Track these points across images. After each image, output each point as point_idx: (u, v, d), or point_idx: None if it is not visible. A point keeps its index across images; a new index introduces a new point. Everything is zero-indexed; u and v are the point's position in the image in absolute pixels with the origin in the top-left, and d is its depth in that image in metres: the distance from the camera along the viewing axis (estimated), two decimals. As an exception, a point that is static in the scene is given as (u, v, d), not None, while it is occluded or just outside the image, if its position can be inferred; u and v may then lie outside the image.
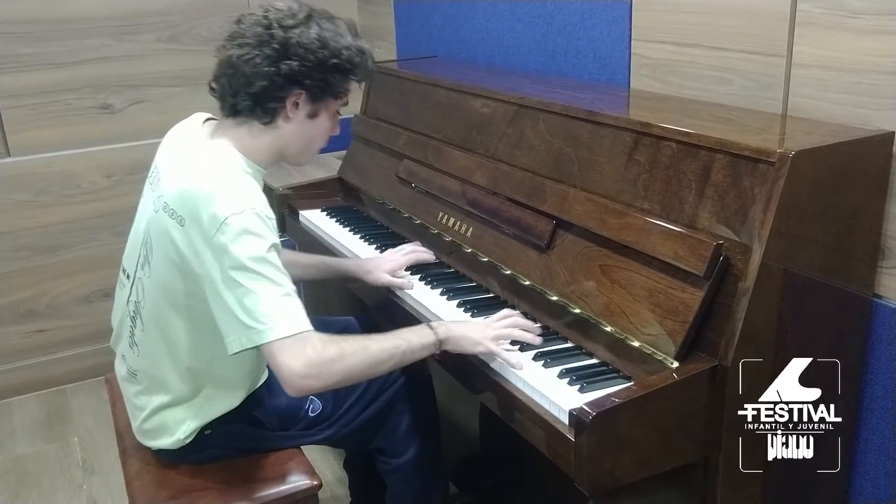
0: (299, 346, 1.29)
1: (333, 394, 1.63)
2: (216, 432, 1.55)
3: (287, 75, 1.38)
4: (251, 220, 1.31)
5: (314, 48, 1.39)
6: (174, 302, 1.43)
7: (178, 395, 1.50)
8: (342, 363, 1.33)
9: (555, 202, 1.56)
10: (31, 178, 2.86)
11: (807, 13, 1.47)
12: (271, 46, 1.38)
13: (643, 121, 1.45)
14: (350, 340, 1.36)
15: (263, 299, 1.29)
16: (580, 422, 1.14)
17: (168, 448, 1.55)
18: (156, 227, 1.42)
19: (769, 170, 1.21)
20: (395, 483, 1.76)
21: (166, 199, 1.39)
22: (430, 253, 1.87)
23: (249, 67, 1.38)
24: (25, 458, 2.63)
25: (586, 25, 2.04)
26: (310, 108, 1.45)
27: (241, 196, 1.33)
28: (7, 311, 2.92)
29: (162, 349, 1.48)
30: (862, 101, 1.40)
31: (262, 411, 1.59)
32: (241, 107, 1.42)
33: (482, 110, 1.90)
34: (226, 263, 1.29)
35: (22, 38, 2.75)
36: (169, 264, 1.40)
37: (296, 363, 1.28)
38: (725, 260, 1.23)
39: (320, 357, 1.30)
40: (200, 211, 1.31)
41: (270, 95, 1.40)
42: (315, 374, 1.30)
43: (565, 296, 1.48)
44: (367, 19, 3.29)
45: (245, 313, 1.29)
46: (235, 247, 1.29)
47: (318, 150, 1.54)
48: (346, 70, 1.44)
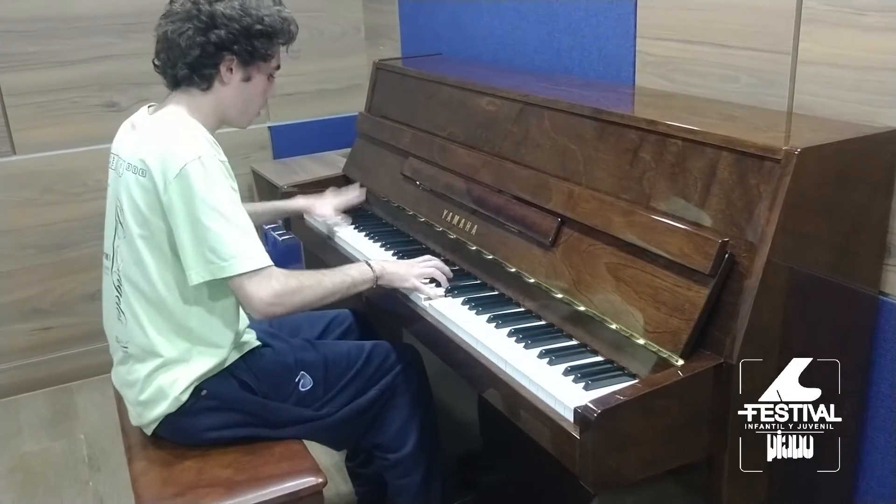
0: (265, 279, 1.50)
1: (324, 375, 1.69)
2: (211, 393, 1.60)
3: (216, 43, 1.55)
4: (208, 164, 1.47)
5: (238, 17, 1.55)
6: (149, 255, 1.54)
7: (167, 358, 1.58)
8: (301, 294, 1.54)
9: (560, 200, 1.56)
10: (37, 176, 2.87)
11: (813, 10, 1.46)
12: (199, 19, 1.54)
13: (648, 118, 1.45)
14: (307, 275, 1.58)
15: (227, 238, 1.46)
16: (585, 419, 1.13)
17: (170, 413, 1.59)
18: (124, 191, 1.56)
19: (775, 167, 1.21)
20: (395, 479, 1.78)
21: (127, 161, 1.56)
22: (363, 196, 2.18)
23: (183, 40, 1.54)
24: (32, 456, 2.64)
25: (591, 23, 2.03)
26: (243, 72, 1.60)
27: (195, 144, 1.49)
28: (13, 308, 2.93)
29: (145, 307, 1.57)
30: (868, 99, 1.39)
31: (252, 376, 1.64)
32: (180, 76, 1.58)
33: (487, 108, 1.90)
34: (188, 207, 1.46)
35: (27, 37, 2.76)
36: (140, 219, 1.52)
37: (263, 293, 1.49)
38: (731, 258, 1.23)
39: (283, 288, 1.51)
40: (159, 160, 1.48)
41: (204, 63, 1.56)
42: (279, 303, 1.51)
43: (570, 293, 1.47)
44: (372, 17, 3.29)
45: (210, 251, 1.46)
46: (196, 190, 1.45)
47: (256, 111, 1.69)
48: (269, 34, 1.59)
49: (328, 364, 1.71)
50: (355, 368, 1.72)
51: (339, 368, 1.71)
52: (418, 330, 1.68)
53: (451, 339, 1.54)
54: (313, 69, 3.29)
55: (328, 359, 1.72)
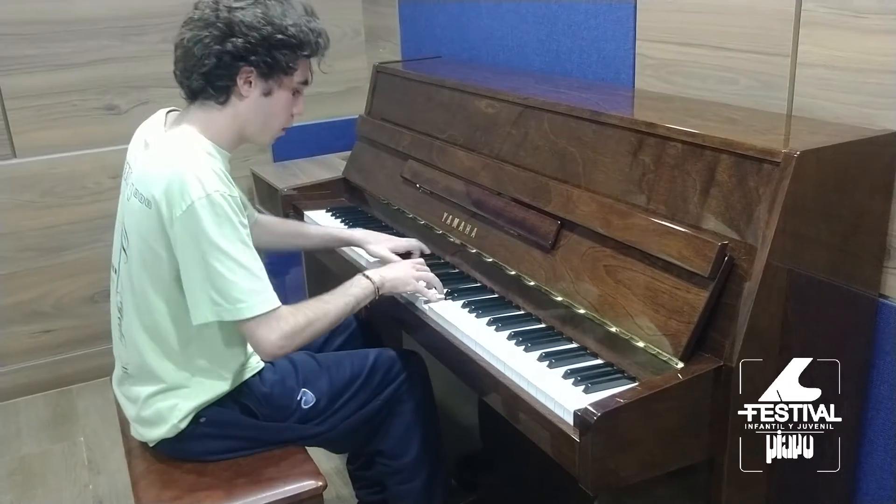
0: (274, 321, 1.45)
1: (328, 389, 1.66)
2: (210, 420, 1.57)
3: (233, 53, 1.46)
4: (217, 202, 1.39)
5: (258, 25, 1.45)
6: (150, 285, 1.50)
7: (168, 383, 1.55)
8: (310, 329, 1.51)
9: (559, 202, 1.56)
10: (37, 179, 2.87)
11: (812, 13, 1.46)
12: (217, 26, 1.45)
13: (648, 121, 1.45)
14: (312, 307, 1.53)
15: (235, 281, 1.40)
16: (585, 422, 1.14)
17: (167, 437, 1.57)
18: (129, 216, 1.51)
19: (774, 170, 1.21)
20: (395, 485, 1.77)
21: (136, 186, 1.49)
22: (427, 249, 1.92)
23: (199, 48, 1.46)
24: (31, 458, 2.64)
25: (591, 25, 2.04)
26: (263, 86, 1.51)
27: (204, 178, 1.40)
28: (13, 311, 2.93)
29: (144, 336, 1.54)
30: (867, 101, 1.39)
31: (254, 400, 1.61)
32: (195, 87, 1.50)
33: (487, 110, 1.90)
34: (196, 246, 1.39)
35: (27, 40, 2.76)
36: (143, 247, 1.48)
37: (273, 336, 1.45)
38: (730, 260, 1.23)
39: (292, 328, 1.47)
40: (166, 194, 1.40)
41: (220, 74, 1.47)
42: (289, 344, 1.47)
43: (570, 296, 1.48)
44: (371, 19, 3.29)
45: (217, 293, 1.41)
46: (203, 230, 1.39)
47: (278, 129, 1.60)
48: (292, 45, 1.49)
49: (332, 378, 1.67)
50: (359, 381, 1.68)
51: (342, 382, 1.68)
52: (419, 334, 1.68)
53: (451, 343, 1.54)
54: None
55: (332, 372, 1.68)
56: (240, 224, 1.43)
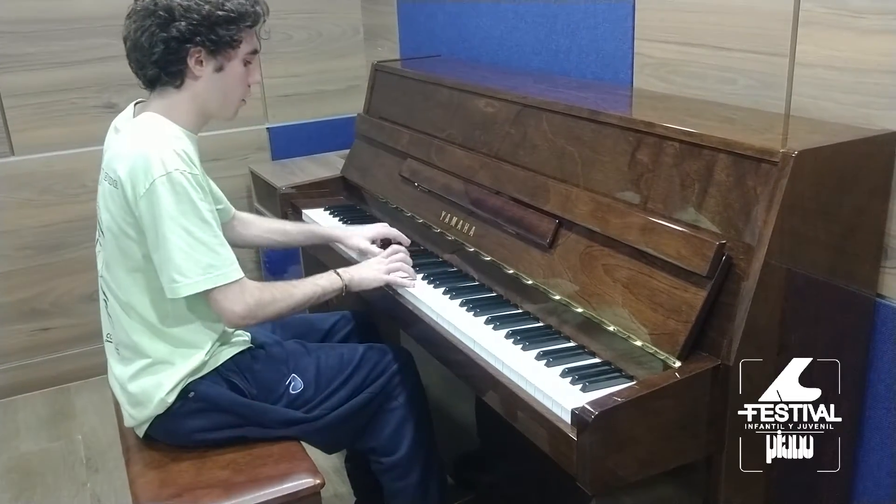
0: (238, 293, 1.52)
1: (314, 378, 1.70)
2: (199, 395, 1.61)
3: (178, 37, 1.50)
4: (176, 180, 1.45)
5: (196, 6, 1.50)
6: (123, 263, 1.55)
7: (153, 358, 1.59)
8: (273, 306, 1.57)
9: (558, 201, 1.56)
10: (35, 177, 2.87)
11: (810, 12, 1.47)
12: (158, 14, 1.50)
13: (646, 120, 1.45)
14: (279, 287, 1.60)
15: (195, 255, 1.46)
16: (582, 421, 1.14)
17: (157, 415, 1.60)
18: (101, 198, 1.57)
19: (772, 169, 1.21)
20: (390, 482, 1.77)
21: (105, 169, 1.56)
22: (399, 234, 1.96)
23: (146, 38, 1.51)
24: (30, 456, 2.64)
25: (589, 25, 2.04)
26: (214, 63, 1.56)
27: (166, 158, 1.46)
28: (11, 309, 2.93)
29: (124, 314, 1.59)
30: (865, 101, 1.40)
31: (241, 378, 1.65)
32: (150, 76, 1.55)
33: (485, 110, 1.91)
34: (157, 224, 1.45)
35: (25, 38, 2.76)
36: (114, 227, 1.53)
37: (237, 307, 1.51)
38: (728, 259, 1.23)
39: (257, 302, 1.54)
40: (130, 174, 1.46)
41: (170, 59, 1.52)
42: (251, 315, 1.54)
43: (568, 295, 1.48)
44: (370, 18, 3.29)
45: (177, 270, 1.46)
46: (163, 208, 1.44)
47: (238, 100, 1.64)
48: (232, 19, 1.53)
49: (320, 367, 1.71)
50: (347, 372, 1.72)
51: (330, 371, 1.71)
52: (416, 332, 1.68)
53: (449, 341, 1.54)
54: (312, 70, 3.29)
55: (320, 361, 1.72)
56: (200, 200, 1.48)
